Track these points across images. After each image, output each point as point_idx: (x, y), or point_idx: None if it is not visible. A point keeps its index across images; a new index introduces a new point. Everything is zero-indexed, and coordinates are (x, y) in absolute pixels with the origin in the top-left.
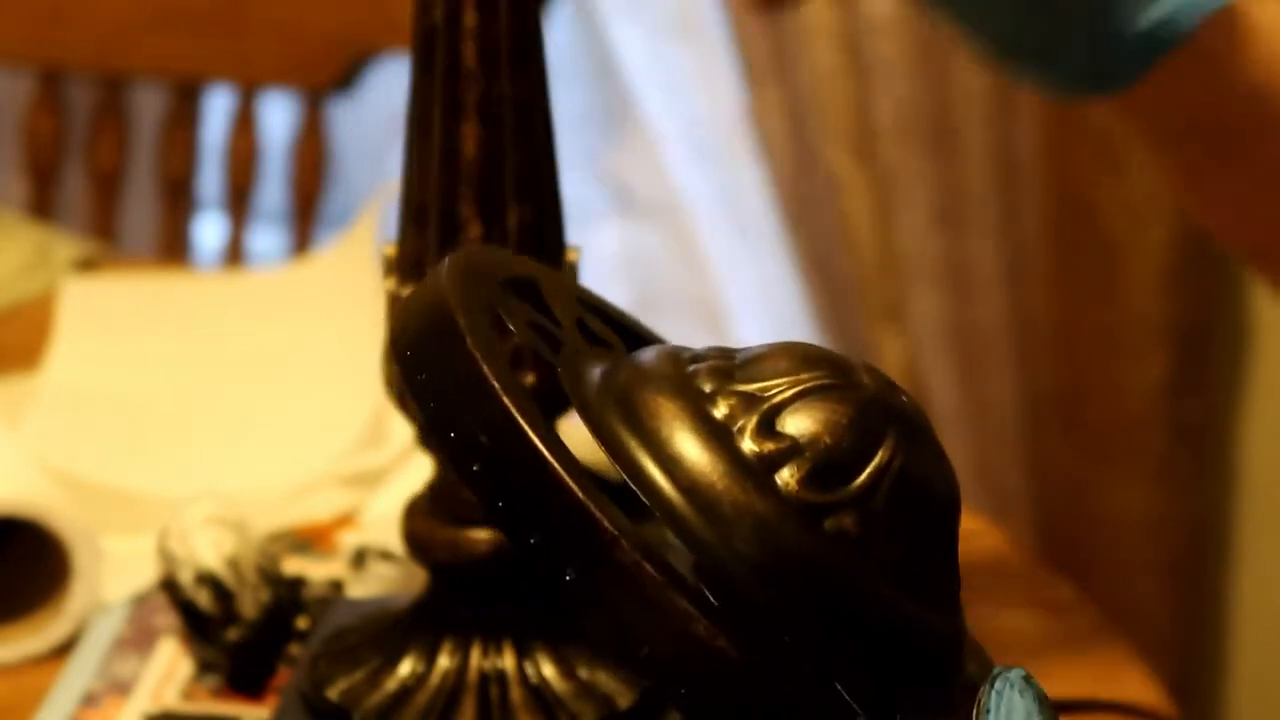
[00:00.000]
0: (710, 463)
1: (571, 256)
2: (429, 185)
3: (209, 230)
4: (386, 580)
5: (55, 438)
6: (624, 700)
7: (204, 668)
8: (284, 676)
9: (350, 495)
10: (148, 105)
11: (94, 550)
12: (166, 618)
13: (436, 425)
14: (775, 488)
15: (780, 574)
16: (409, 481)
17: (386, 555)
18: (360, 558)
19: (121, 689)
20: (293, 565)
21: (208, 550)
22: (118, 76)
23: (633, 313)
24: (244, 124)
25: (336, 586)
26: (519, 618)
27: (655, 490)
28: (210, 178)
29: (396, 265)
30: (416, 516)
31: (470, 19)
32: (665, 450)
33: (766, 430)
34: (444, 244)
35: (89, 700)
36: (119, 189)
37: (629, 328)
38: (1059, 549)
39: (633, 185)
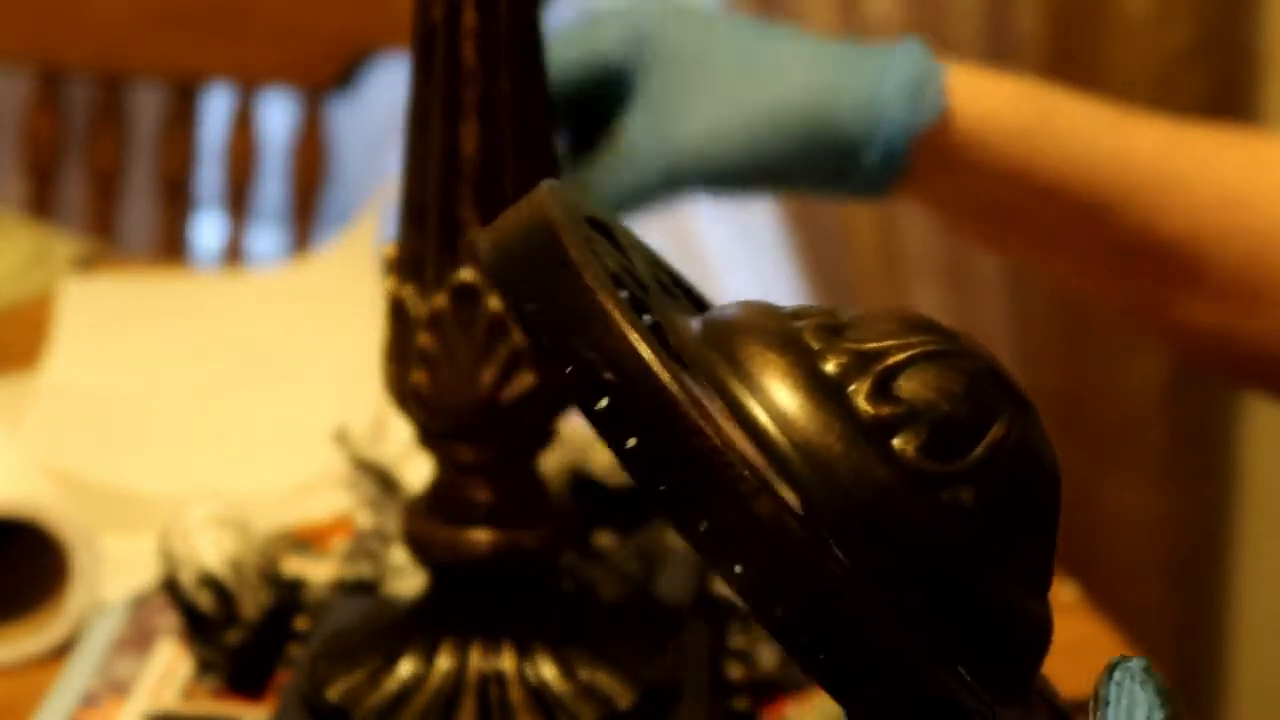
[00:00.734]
0: (826, 422)
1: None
2: (429, 185)
3: (208, 230)
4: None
5: (54, 438)
6: (624, 701)
7: (203, 668)
8: (284, 677)
9: (350, 496)
10: (147, 105)
11: (93, 550)
12: (166, 618)
13: (552, 357)
14: (893, 453)
15: (895, 543)
16: None
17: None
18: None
19: (121, 689)
20: (293, 565)
21: (208, 551)
22: (117, 76)
23: None
24: (243, 123)
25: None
26: (519, 618)
27: (773, 447)
28: (209, 177)
29: (396, 265)
30: (416, 516)
31: (470, 18)
32: (779, 408)
33: (882, 393)
34: (443, 244)
35: (88, 700)
36: (118, 188)
37: (689, 289)
38: (1060, 549)
39: None
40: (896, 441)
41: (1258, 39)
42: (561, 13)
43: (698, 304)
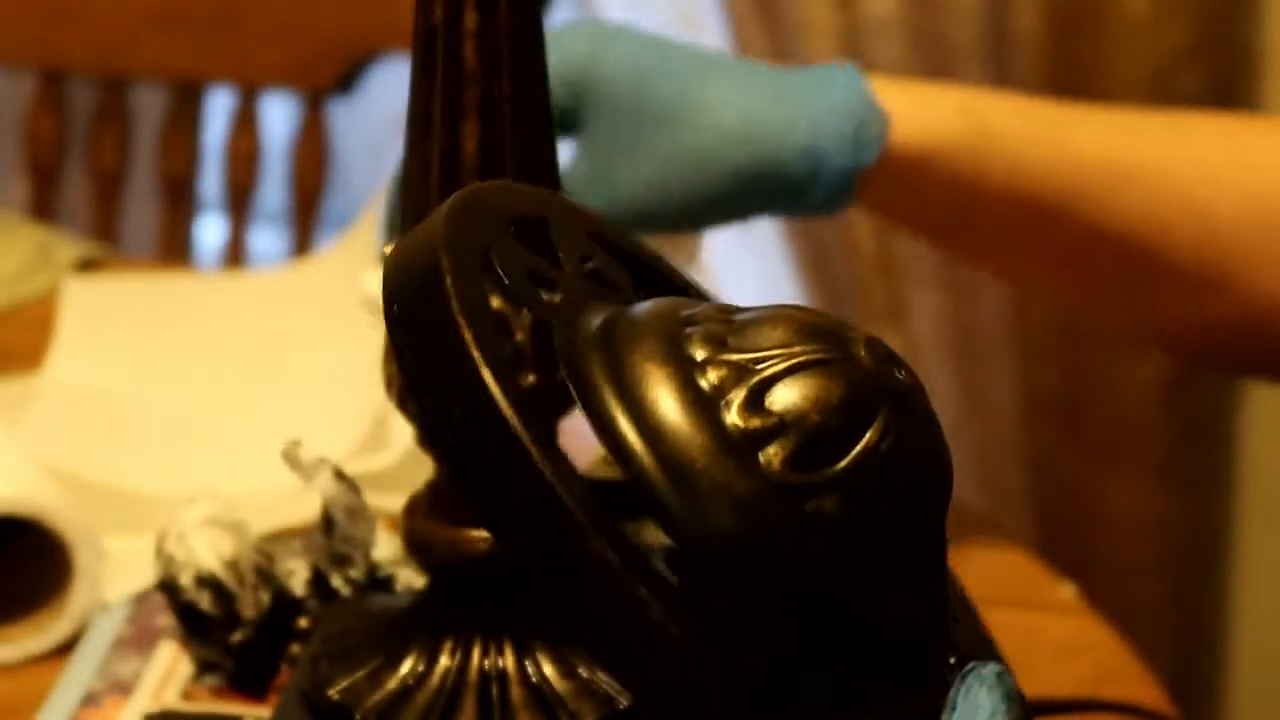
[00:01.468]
0: (692, 436)
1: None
2: (429, 185)
3: (210, 231)
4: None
5: (56, 437)
6: (624, 700)
7: (204, 668)
8: (285, 676)
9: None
10: (149, 106)
11: (95, 550)
12: (167, 617)
13: (414, 389)
14: (757, 466)
15: (754, 555)
16: None
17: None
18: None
19: (122, 689)
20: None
21: (206, 552)
22: (119, 77)
23: None
24: (245, 125)
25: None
26: (519, 617)
27: (633, 461)
28: (211, 179)
29: None
30: (416, 516)
31: (470, 19)
32: (648, 420)
33: (754, 405)
34: None
35: (90, 700)
36: (120, 190)
37: (643, 263)
38: (1059, 549)
39: None
40: (764, 454)
41: (1256, 39)
42: (561, 14)
43: (651, 279)
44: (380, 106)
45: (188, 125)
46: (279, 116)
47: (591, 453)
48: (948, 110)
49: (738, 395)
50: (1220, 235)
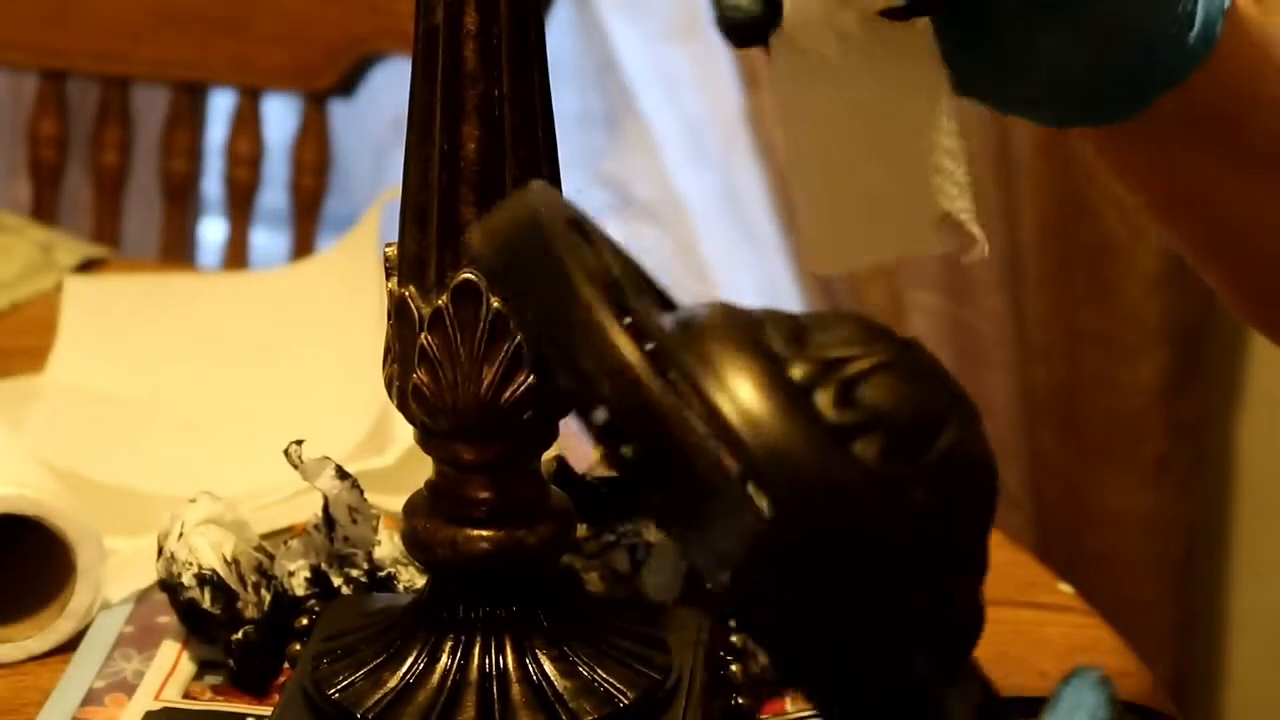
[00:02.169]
0: (795, 426)
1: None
2: (430, 186)
3: (212, 232)
4: None
5: (58, 437)
6: (624, 698)
7: (205, 666)
8: (286, 675)
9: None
10: (150, 107)
11: (97, 549)
12: (169, 616)
13: (550, 365)
14: (855, 457)
15: (857, 540)
16: None
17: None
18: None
19: (124, 687)
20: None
21: (207, 551)
22: (120, 78)
23: None
24: (246, 125)
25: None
26: (519, 617)
27: (744, 449)
28: (212, 179)
29: (398, 266)
30: (416, 516)
31: (471, 20)
32: (750, 410)
33: (845, 399)
34: (445, 244)
35: (92, 698)
36: (121, 190)
37: (655, 286)
38: (1057, 548)
39: (633, 185)
40: (858, 446)
41: None
42: (561, 14)
43: (664, 301)
44: (380, 107)
45: (189, 126)
46: (280, 117)
47: (591, 453)
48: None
49: (828, 390)
50: None
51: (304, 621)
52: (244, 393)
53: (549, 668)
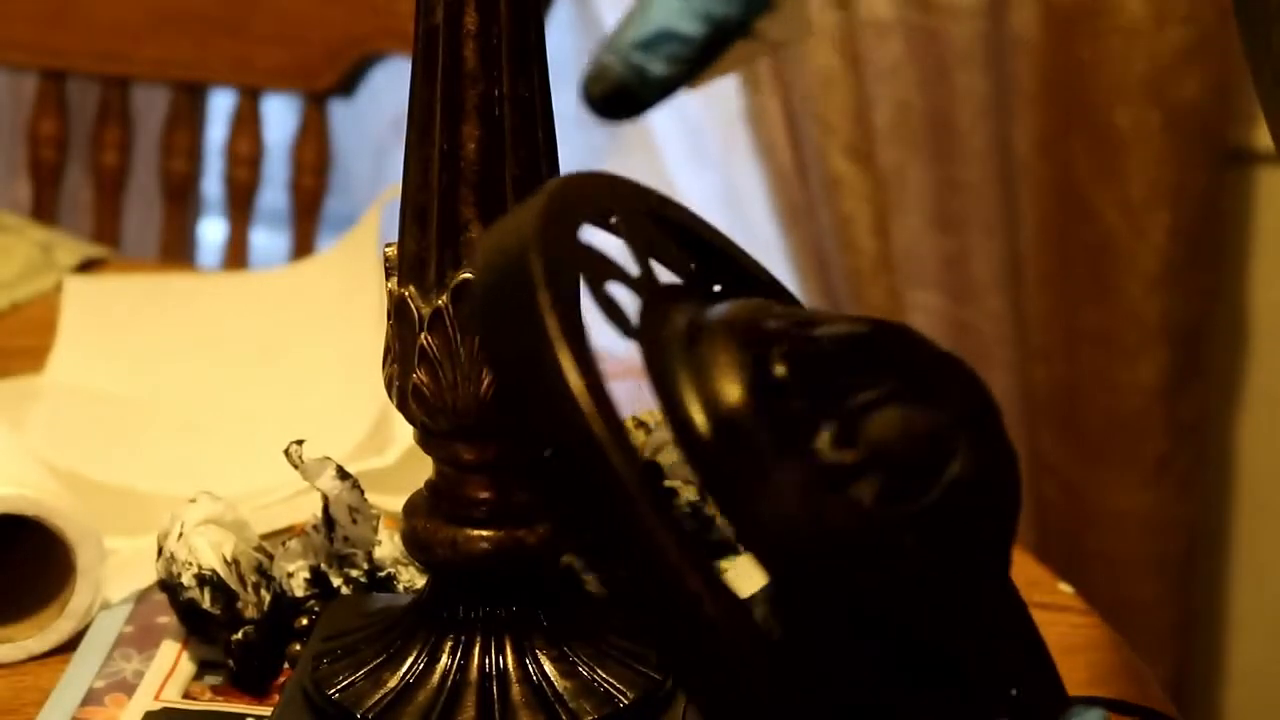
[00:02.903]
0: (789, 471)
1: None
2: (430, 186)
3: (212, 232)
4: None
5: (58, 437)
6: (625, 698)
7: (205, 666)
8: (286, 675)
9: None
10: (150, 107)
11: (97, 549)
12: (169, 617)
13: (504, 399)
14: (851, 501)
15: (850, 588)
16: None
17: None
18: None
19: (124, 687)
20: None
21: (207, 551)
22: (120, 78)
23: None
24: (246, 125)
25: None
26: (519, 617)
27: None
28: (212, 179)
29: (398, 266)
30: (416, 516)
31: (471, 20)
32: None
33: (845, 439)
34: (445, 244)
35: (91, 699)
36: (121, 190)
37: (703, 240)
38: (1057, 548)
39: None
40: (855, 489)
41: None
42: (561, 14)
43: (712, 261)
44: (380, 107)
45: (189, 126)
46: (280, 117)
47: None
48: None
49: (828, 428)
50: None
51: (304, 621)
52: (244, 393)
53: (549, 668)
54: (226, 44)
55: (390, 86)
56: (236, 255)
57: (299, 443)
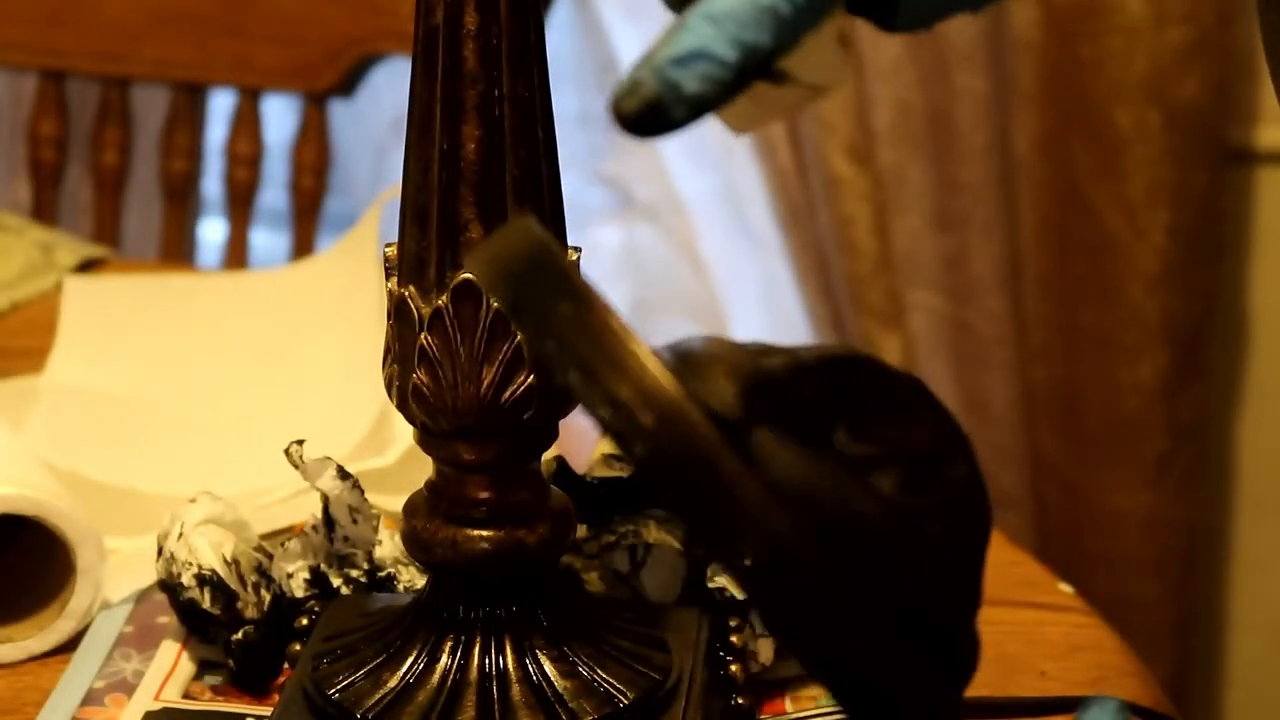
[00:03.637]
0: (816, 460)
1: (571, 257)
2: (430, 186)
3: (212, 232)
4: None
5: (58, 437)
6: (625, 698)
7: (205, 666)
8: (285, 675)
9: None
10: (150, 107)
11: (98, 549)
12: (169, 617)
13: (582, 396)
14: (874, 490)
15: (877, 571)
16: None
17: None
18: None
19: (124, 687)
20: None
21: (206, 552)
22: (120, 78)
23: (633, 312)
24: (246, 125)
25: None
26: (519, 617)
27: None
28: (212, 179)
29: (398, 266)
30: (416, 516)
31: (471, 20)
32: (768, 445)
33: (861, 433)
34: (444, 244)
35: (92, 698)
36: (121, 190)
37: None
38: (1057, 548)
39: (633, 185)
40: (875, 478)
41: (1256, 39)
42: (561, 14)
43: None
44: (380, 107)
45: (189, 126)
46: (280, 117)
47: (592, 452)
48: None
49: (842, 425)
50: None
51: (304, 621)
52: (244, 392)
53: (549, 668)
54: (226, 44)
55: (390, 86)
56: (236, 255)
57: (299, 443)
